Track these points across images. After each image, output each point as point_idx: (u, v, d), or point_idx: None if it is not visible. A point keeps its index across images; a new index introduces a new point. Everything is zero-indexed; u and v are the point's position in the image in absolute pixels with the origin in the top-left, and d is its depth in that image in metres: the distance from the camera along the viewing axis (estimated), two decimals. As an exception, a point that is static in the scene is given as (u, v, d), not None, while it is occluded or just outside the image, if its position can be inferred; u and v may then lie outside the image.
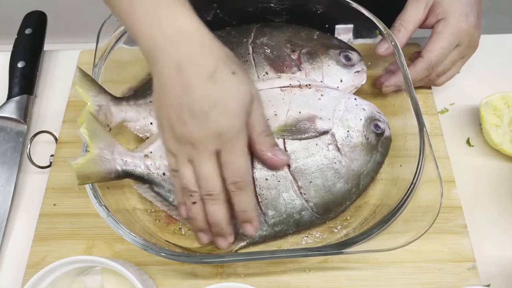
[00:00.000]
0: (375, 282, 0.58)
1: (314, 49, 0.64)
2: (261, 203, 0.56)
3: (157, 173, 0.56)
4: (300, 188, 0.56)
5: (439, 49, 0.64)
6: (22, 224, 0.64)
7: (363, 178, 0.58)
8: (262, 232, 0.57)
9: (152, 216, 0.61)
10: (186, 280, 0.58)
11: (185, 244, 0.58)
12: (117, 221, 0.53)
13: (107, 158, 0.54)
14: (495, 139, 0.65)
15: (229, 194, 0.51)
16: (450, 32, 0.63)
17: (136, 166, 0.56)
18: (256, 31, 0.66)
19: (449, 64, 0.66)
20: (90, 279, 0.58)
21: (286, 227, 0.57)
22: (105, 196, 0.55)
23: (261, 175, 0.55)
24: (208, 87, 0.47)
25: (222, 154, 0.49)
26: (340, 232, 0.59)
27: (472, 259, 0.58)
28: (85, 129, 0.53)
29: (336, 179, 0.57)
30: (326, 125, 0.58)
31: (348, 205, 0.59)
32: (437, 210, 0.52)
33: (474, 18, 0.64)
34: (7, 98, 0.71)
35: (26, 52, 0.74)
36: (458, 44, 0.64)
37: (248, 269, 0.59)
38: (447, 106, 0.72)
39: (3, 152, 0.68)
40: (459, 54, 0.66)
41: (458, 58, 0.66)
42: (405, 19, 0.66)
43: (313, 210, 0.57)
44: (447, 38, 0.64)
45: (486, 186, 0.65)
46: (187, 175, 0.51)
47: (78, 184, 0.52)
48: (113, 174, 0.55)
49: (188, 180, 0.51)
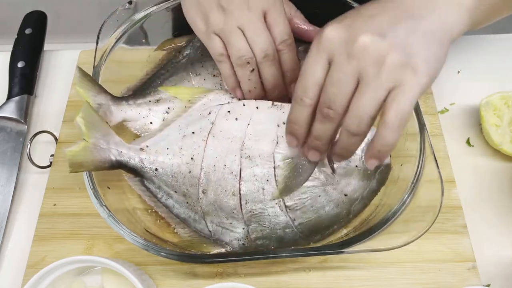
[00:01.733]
0: (375, 282, 0.58)
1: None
2: (245, 216, 0.55)
3: (149, 168, 0.56)
4: (287, 206, 0.54)
5: (300, 76, 0.47)
6: (22, 224, 0.64)
7: (355, 205, 0.56)
8: (243, 243, 0.56)
9: (152, 216, 0.60)
10: (186, 280, 0.58)
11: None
12: (118, 221, 0.53)
13: (102, 147, 0.54)
14: (495, 139, 0.65)
15: (279, 54, 0.55)
16: (310, 50, 0.46)
17: (131, 158, 0.56)
18: None
19: (332, 88, 0.44)
20: (90, 279, 0.58)
21: (268, 242, 0.56)
22: (106, 196, 0.55)
23: (247, 187, 0.54)
24: None
25: (269, 14, 0.54)
26: (340, 232, 0.59)
27: (472, 259, 0.58)
28: (81, 118, 0.53)
29: (326, 202, 0.55)
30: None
31: (335, 229, 0.57)
32: (437, 210, 0.52)
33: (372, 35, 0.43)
34: (7, 98, 0.71)
35: (26, 52, 0.74)
36: (330, 60, 0.44)
37: (248, 268, 0.58)
38: (447, 106, 0.72)
39: (3, 152, 0.68)
40: (341, 71, 0.43)
41: (345, 77, 0.43)
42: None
43: (297, 229, 0.55)
44: (306, 59, 0.46)
45: (486, 186, 0.65)
46: (241, 42, 0.53)
47: (70, 171, 0.52)
48: (107, 164, 0.55)
49: (243, 47, 0.53)
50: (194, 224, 0.57)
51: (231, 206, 0.55)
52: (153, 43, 0.70)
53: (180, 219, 0.58)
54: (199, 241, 0.57)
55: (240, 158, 0.55)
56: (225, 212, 0.55)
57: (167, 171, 0.56)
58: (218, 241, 0.57)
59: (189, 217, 0.57)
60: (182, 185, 0.56)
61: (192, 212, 0.57)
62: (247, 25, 0.53)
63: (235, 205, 0.55)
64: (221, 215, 0.56)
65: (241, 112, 0.57)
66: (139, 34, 0.68)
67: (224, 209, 0.55)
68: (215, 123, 0.57)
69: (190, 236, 0.57)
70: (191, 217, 0.57)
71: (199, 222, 0.57)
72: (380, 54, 0.42)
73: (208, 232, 0.57)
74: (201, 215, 0.56)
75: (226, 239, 0.56)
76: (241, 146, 0.55)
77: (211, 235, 0.57)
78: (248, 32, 0.53)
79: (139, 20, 0.66)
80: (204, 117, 0.58)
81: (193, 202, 0.56)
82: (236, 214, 0.55)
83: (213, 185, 0.55)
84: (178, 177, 0.56)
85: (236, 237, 0.56)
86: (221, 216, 0.56)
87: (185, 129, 0.57)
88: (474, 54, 0.77)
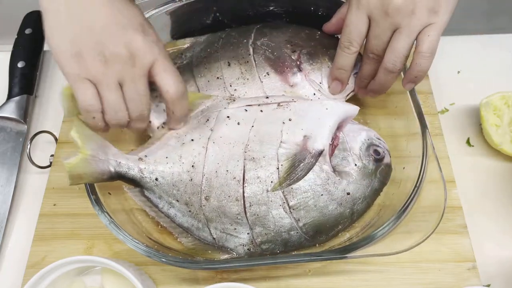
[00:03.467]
0: (375, 282, 0.58)
1: (315, 49, 0.64)
2: (249, 219, 0.55)
3: (149, 178, 0.56)
4: (290, 207, 0.54)
5: (344, 29, 0.58)
6: (22, 224, 0.64)
7: (358, 204, 0.56)
8: (248, 249, 0.56)
9: (154, 222, 0.60)
10: (186, 280, 0.58)
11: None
12: (119, 227, 0.53)
13: (101, 158, 0.54)
14: (495, 139, 0.65)
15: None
16: (350, 9, 0.57)
17: (130, 168, 0.55)
18: (256, 32, 0.66)
19: (375, 40, 0.57)
20: (90, 279, 0.58)
21: (273, 246, 0.56)
22: (106, 202, 0.55)
23: (251, 190, 0.54)
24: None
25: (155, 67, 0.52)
26: (343, 236, 0.59)
27: (472, 259, 0.58)
28: (76, 132, 0.53)
29: (329, 201, 0.55)
30: (319, 145, 0.55)
31: (340, 229, 0.57)
32: (441, 214, 0.52)
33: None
34: (7, 98, 0.71)
35: (26, 52, 0.74)
36: (370, 17, 0.56)
37: (250, 271, 0.58)
38: (447, 106, 0.72)
39: (3, 152, 0.68)
40: (381, 27, 0.55)
41: (384, 31, 0.55)
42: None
43: (302, 230, 0.55)
44: (348, 15, 0.57)
45: (486, 186, 0.65)
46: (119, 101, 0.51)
47: (70, 184, 0.52)
48: (106, 175, 0.54)
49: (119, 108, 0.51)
50: (198, 232, 0.57)
51: (235, 211, 0.54)
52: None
53: (183, 228, 0.57)
54: (203, 248, 0.57)
55: (244, 160, 0.55)
56: (229, 218, 0.55)
57: (167, 180, 0.56)
58: (223, 247, 0.56)
59: (192, 226, 0.57)
60: (184, 193, 0.56)
61: (195, 220, 0.57)
62: (127, 82, 0.50)
63: (239, 210, 0.54)
64: (225, 221, 0.55)
65: (243, 117, 0.57)
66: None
67: (228, 215, 0.55)
68: (214, 129, 0.57)
69: (194, 245, 0.57)
70: (194, 225, 0.57)
71: (203, 230, 0.56)
72: (410, 9, 0.53)
73: (212, 240, 0.56)
74: (204, 223, 0.56)
75: (230, 246, 0.56)
76: (244, 149, 0.55)
77: (215, 242, 0.56)
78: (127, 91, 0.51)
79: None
80: (203, 124, 0.58)
81: (196, 210, 0.56)
82: (240, 219, 0.55)
83: (215, 191, 0.55)
84: (179, 186, 0.56)
85: (241, 242, 0.56)
86: (225, 222, 0.55)
87: (184, 136, 0.57)
88: (474, 54, 0.77)
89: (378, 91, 0.61)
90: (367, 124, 0.67)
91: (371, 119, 0.68)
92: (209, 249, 0.56)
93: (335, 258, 0.52)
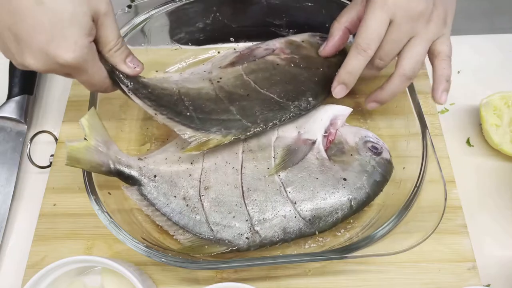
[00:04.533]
0: (375, 282, 0.58)
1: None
2: (248, 206, 0.56)
3: (148, 175, 0.57)
4: (287, 191, 0.56)
5: (364, 30, 0.55)
6: (22, 224, 0.64)
7: (355, 190, 0.57)
8: (247, 237, 0.56)
9: (154, 221, 0.60)
10: (186, 280, 0.58)
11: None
12: (119, 227, 0.53)
13: (102, 151, 0.55)
14: (495, 139, 0.65)
15: None
16: (373, 8, 0.54)
17: (129, 165, 0.56)
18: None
19: (391, 45, 0.56)
20: (90, 279, 0.58)
21: (272, 233, 0.56)
22: (106, 202, 0.55)
23: (249, 176, 0.56)
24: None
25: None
26: (343, 236, 0.59)
27: (472, 259, 0.58)
28: (86, 120, 0.54)
29: (325, 184, 0.56)
30: (311, 135, 0.60)
31: (339, 217, 0.57)
32: (441, 214, 0.52)
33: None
34: (7, 98, 0.71)
35: (26, 52, 0.74)
36: (391, 20, 0.54)
37: (248, 269, 0.59)
38: (447, 106, 0.72)
39: (3, 152, 0.68)
40: (401, 32, 0.55)
41: (403, 37, 0.55)
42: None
43: (300, 214, 0.56)
44: (371, 16, 0.55)
45: (486, 186, 0.65)
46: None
47: (66, 164, 0.52)
48: (104, 168, 0.55)
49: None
50: (195, 227, 0.57)
51: (234, 199, 0.56)
52: (153, 45, 0.70)
53: (179, 225, 0.57)
54: (200, 244, 0.57)
55: (242, 153, 0.58)
56: (227, 206, 0.56)
57: (165, 177, 0.57)
58: (221, 240, 0.56)
59: (189, 221, 0.57)
60: (182, 188, 0.57)
61: (192, 214, 0.57)
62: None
63: (238, 197, 0.56)
64: (223, 210, 0.56)
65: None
66: (139, 37, 0.68)
67: (226, 203, 0.56)
68: None
69: (191, 242, 0.57)
70: (192, 220, 0.57)
71: (200, 224, 0.57)
72: (428, 17, 0.54)
73: (209, 232, 0.56)
74: (202, 215, 0.56)
75: (229, 237, 0.56)
76: (242, 148, 0.59)
77: (214, 235, 0.56)
78: None
79: (139, 23, 0.67)
80: None
81: (194, 204, 0.56)
82: (239, 206, 0.56)
83: (214, 181, 0.57)
84: (177, 182, 0.57)
85: (239, 232, 0.56)
86: (224, 211, 0.56)
87: (183, 143, 0.59)
88: (474, 54, 0.77)
89: (387, 100, 0.60)
90: (367, 124, 0.68)
91: (371, 119, 0.68)
92: (206, 244, 0.56)
93: (335, 258, 0.52)
